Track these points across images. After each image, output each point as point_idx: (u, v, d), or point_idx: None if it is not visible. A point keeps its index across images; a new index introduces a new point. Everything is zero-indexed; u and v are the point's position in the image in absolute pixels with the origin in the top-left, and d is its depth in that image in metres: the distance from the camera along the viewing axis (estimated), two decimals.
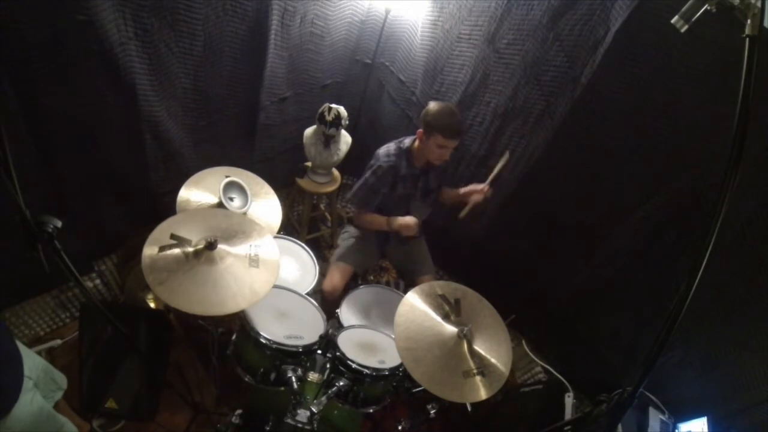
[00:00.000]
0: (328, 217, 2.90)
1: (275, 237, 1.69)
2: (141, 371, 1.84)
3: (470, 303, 1.60)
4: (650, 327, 1.91)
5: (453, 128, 1.87)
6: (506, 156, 2.07)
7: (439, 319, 1.50)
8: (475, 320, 1.53)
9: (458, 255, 2.53)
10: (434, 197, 2.20)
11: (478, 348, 1.47)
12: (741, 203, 1.55)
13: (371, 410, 1.66)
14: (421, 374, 1.37)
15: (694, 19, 1.04)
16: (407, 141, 2.05)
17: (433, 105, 1.91)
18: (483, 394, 1.39)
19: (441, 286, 1.62)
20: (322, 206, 2.93)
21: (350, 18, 2.36)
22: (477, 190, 2.07)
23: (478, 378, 1.41)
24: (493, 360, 1.47)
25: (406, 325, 1.46)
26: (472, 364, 1.42)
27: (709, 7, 1.01)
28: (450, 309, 1.53)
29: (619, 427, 1.62)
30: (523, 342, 2.44)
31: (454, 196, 2.17)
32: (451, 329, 1.48)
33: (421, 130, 1.94)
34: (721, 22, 1.38)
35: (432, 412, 1.67)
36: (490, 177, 2.06)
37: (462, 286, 1.65)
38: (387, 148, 2.06)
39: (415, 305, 1.52)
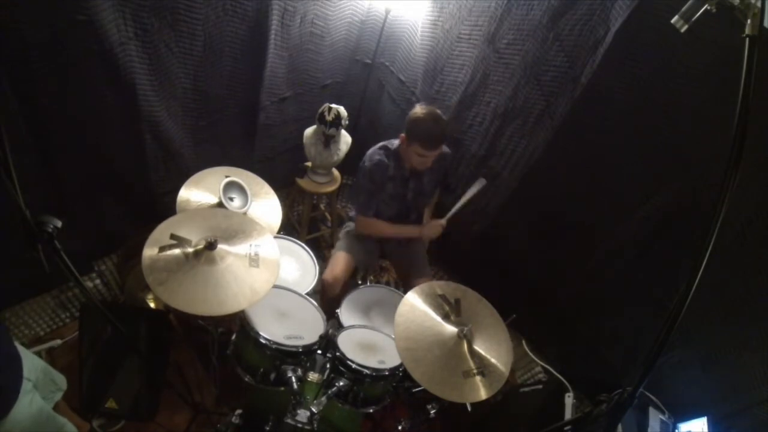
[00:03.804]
0: (328, 217, 2.90)
1: (275, 237, 1.69)
2: (141, 371, 1.83)
3: (470, 303, 1.60)
4: (650, 327, 1.91)
5: (432, 139, 1.82)
6: (479, 183, 2.02)
7: (439, 319, 1.50)
8: (475, 320, 1.53)
9: (458, 255, 2.53)
10: (428, 200, 2.19)
11: (478, 348, 1.47)
12: (741, 203, 1.55)
13: (371, 410, 1.65)
14: (421, 374, 1.37)
15: (694, 19, 1.04)
16: (396, 142, 2.02)
17: (416, 111, 1.85)
18: (483, 394, 1.39)
19: (441, 286, 1.61)
20: (322, 206, 2.93)
21: (350, 18, 2.36)
22: (435, 225, 2.05)
23: (478, 378, 1.41)
24: (493, 360, 1.47)
25: (406, 325, 1.46)
26: (472, 364, 1.42)
27: (709, 7, 1.01)
28: (450, 309, 1.53)
29: (619, 427, 1.62)
30: (523, 342, 2.43)
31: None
32: (451, 329, 1.48)
33: (403, 135, 1.91)
34: (721, 22, 1.38)
35: (432, 412, 1.67)
36: (454, 209, 2.03)
37: (462, 286, 1.65)
38: (374, 149, 2.03)
39: (415, 305, 1.52)
